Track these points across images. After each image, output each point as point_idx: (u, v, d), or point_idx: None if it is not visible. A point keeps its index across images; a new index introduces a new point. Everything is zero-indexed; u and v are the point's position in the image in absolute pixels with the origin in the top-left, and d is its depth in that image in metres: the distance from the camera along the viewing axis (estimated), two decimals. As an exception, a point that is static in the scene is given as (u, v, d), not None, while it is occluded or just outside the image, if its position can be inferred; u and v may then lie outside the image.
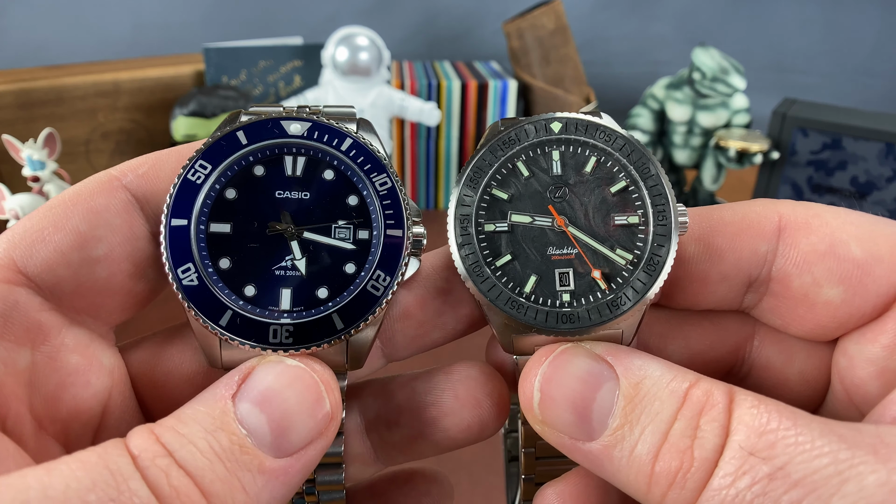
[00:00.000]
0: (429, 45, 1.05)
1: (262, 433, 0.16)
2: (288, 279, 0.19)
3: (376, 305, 0.19)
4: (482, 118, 0.80)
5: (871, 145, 0.68)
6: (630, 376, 0.16)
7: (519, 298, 0.18)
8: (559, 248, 0.19)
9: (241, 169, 0.20)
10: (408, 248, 0.20)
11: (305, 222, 0.20)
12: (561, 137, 0.19)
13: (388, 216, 0.20)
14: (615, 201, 0.19)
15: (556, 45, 0.81)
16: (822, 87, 1.05)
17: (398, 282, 0.19)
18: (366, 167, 0.20)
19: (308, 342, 0.18)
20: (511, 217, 0.19)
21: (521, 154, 0.19)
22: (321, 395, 0.17)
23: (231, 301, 0.19)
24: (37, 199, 0.58)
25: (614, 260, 0.18)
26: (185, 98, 0.65)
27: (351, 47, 0.70)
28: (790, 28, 1.04)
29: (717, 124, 0.74)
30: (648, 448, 0.15)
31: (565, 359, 0.17)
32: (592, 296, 0.18)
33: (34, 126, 0.67)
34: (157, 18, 1.00)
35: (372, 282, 0.19)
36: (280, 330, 0.18)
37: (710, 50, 0.72)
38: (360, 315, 0.19)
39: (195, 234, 0.19)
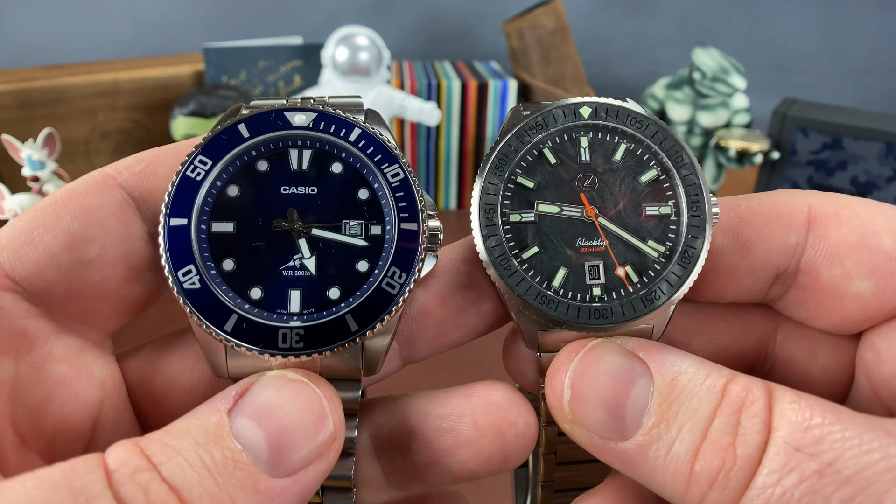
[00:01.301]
0: (429, 45, 1.05)
1: (259, 449, 0.15)
2: (297, 280, 0.18)
3: (392, 304, 0.18)
4: (482, 118, 0.80)
5: (871, 145, 0.68)
6: (664, 373, 0.15)
7: (548, 293, 0.17)
8: (588, 239, 0.18)
9: (244, 164, 0.19)
10: (424, 242, 0.18)
11: (314, 219, 0.18)
12: (590, 123, 0.18)
13: (401, 209, 0.18)
14: (646, 191, 0.18)
15: (556, 44, 0.81)
16: (823, 87, 1.05)
17: (415, 279, 0.18)
18: (376, 158, 0.19)
19: (321, 346, 0.17)
20: (538, 207, 0.18)
21: (548, 140, 0.18)
22: (324, 413, 0.16)
23: (236, 304, 0.17)
24: (36, 200, 0.58)
25: (646, 252, 0.17)
26: (185, 98, 0.65)
27: (351, 47, 0.69)
28: (790, 28, 1.04)
29: (717, 124, 0.74)
30: (687, 447, 0.15)
31: (597, 355, 0.16)
32: (624, 290, 0.17)
33: (34, 126, 0.66)
34: (157, 18, 1.00)
35: (387, 279, 0.18)
36: (290, 334, 0.17)
37: (710, 50, 0.72)
38: (375, 315, 0.17)
39: (196, 234, 0.18)
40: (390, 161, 0.19)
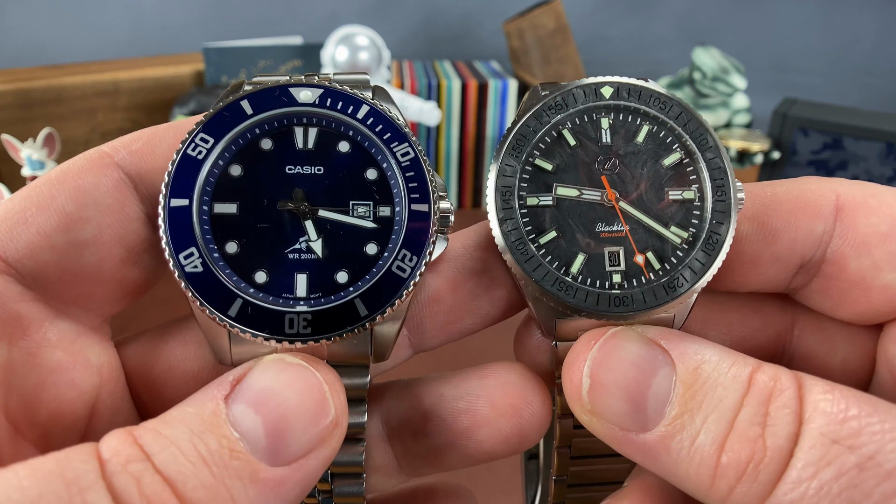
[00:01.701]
0: (429, 45, 1.05)
1: (257, 437, 0.14)
2: (303, 263, 0.17)
3: (403, 289, 0.17)
4: (482, 118, 0.80)
5: (871, 145, 0.68)
6: (687, 361, 0.15)
7: (566, 279, 0.16)
8: (608, 224, 0.17)
9: (247, 143, 0.18)
10: (435, 224, 0.17)
11: (320, 200, 0.18)
12: (611, 104, 0.17)
13: (411, 189, 0.17)
14: (669, 175, 0.17)
15: (556, 44, 0.81)
16: (823, 87, 1.05)
17: (426, 262, 0.17)
18: (385, 136, 0.18)
19: (329, 331, 0.16)
20: (556, 190, 0.17)
21: (568, 121, 0.17)
22: (324, 398, 0.15)
23: (240, 289, 0.17)
24: (36, 199, 0.58)
25: (669, 238, 0.17)
26: (185, 97, 0.65)
27: (351, 47, 0.69)
28: (791, 28, 1.04)
29: (717, 124, 0.74)
30: (713, 438, 0.14)
31: (617, 343, 0.15)
32: (645, 277, 0.16)
33: (33, 126, 0.66)
34: (157, 18, 0.99)
35: (397, 262, 0.17)
36: (297, 319, 0.16)
37: (710, 50, 0.72)
38: (385, 300, 0.17)
39: (198, 215, 0.17)
40: (400, 139, 0.18)
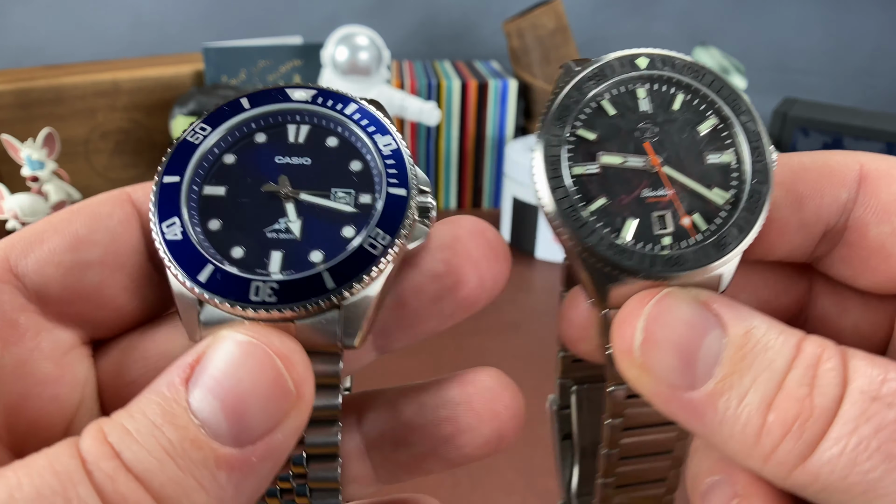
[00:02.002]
0: (429, 45, 1.05)
1: (217, 422, 0.14)
2: (280, 242, 0.17)
3: (373, 264, 0.16)
4: (482, 118, 0.80)
5: (871, 145, 0.68)
6: (738, 325, 0.15)
7: (618, 243, 0.16)
8: (654, 189, 0.17)
9: (243, 135, 0.19)
10: (412, 209, 0.17)
11: (303, 185, 0.18)
12: (645, 74, 0.18)
13: (390, 176, 0.18)
14: (706, 139, 0.18)
15: (556, 44, 0.81)
16: (823, 87, 1.05)
17: (400, 242, 0.17)
18: (370, 130, 0.18)
19: (294, 301, 0.16)
20: (601, 158, 0.18)
21: (606, 92, 0.18)
22: (279, 373, 0.15)
23: (215, 259, 0.17)
24: (36, 199, 0.58)
25: (712, 199, 0.17)
26: (185, 97, 0.65)
27: (350, 47, 0.69)
28: (791, 28, 1.04)
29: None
30: (761, 397, 0.14)
31: (672, 302, 0.16)
32: (693, 238, 0.17)
33: (33, 126, 0.66)
34: (157, 18, 0.99)
35: (370, 240, 0.17)
36: (263, 287, 0.16)
37: (710, 49, 0.72)
38: (354, 274, 0.16)
39: (187, 192, 0.18)
40: (383, 132, 0.18)
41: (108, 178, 0.73)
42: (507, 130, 0.81)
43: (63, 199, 0.61)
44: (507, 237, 0.74)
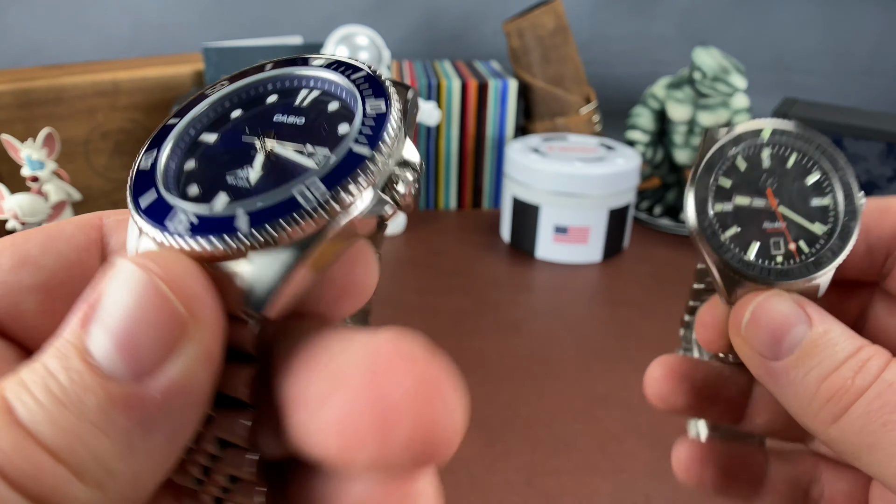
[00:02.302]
0: (428, 45, 1.05)
1: (111, 359, 0.13)
2: (232, 187, 0.16)
3: (293, 212, 0.14)
4: (482, 118, 0.80)
5: (871, 145, 0.68)
6: (819, 325, 0.21)
7: (745, 259, 0.23)
8: (772, 222, 0.24)
9: (255, 94, 0.18)
10: (372, 172, 0.15)
11: (284, 139, 0.17)
12: (767, 140, 0.25)
13: (362, 134, 0.16)
14: (812, 188, 0.24)
15: (556, 44, 0.81)
16: (823, 87, 1.05)
17: (341, 199, 0.14)
18: (366, 93, 0.17)
19: (202, 234, 0.14)
20: (735, 200, 0.24)
21: (739, 153, 0.25)
22: (163, 295, 0.14)
23: (167, 191, 0.16)
24: (36, 199, 0.58)
25: (814, 231, 0.24)
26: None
27: (350, 46, 0.69)
28: (791, 27, 1.04)
29: (717, 124, 0.74)
30: (820, 373, 0.20)
31: (777, 299, 0.22)
32: (798, 258, 0.24)
33: (33, 126, 0.66)
34: (157, 18, 0.99)
35: (304, 189, 0.14)
36: (185, 217, 0.15)
37: (710, 49, 0.72)
38: (268, 218, 0.14)
39: (181, 134, 0.17)
40: (378, 96, 0.17)
41: (108, 177, 0.73)
42: (507, 130, 0.81)
43: (63, 198, 0.61)
44: (507, 237, 0.74)
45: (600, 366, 0.53)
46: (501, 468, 0.42)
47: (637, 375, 0.40)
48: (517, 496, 0.40)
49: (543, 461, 0.43)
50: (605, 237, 0.69)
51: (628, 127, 0.79)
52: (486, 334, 0.56)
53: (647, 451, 0.44)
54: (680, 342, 0.32)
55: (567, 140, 0.76)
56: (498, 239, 0.75)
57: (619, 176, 0.67)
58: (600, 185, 0.67)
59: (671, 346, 0.56)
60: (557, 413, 0.47)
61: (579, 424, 0.46)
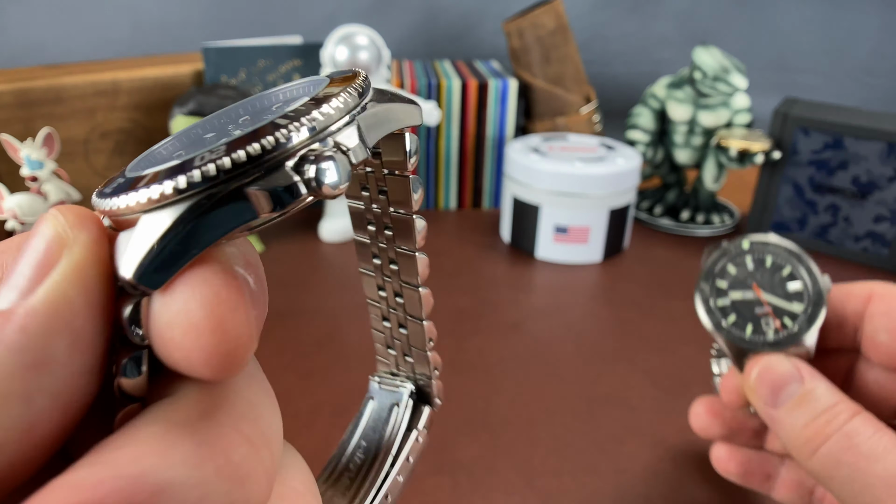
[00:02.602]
0: (428, 44, 1.05)
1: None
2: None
3: (187, 169, 0.12)
4: (482, 117, 0.80)
5: (872, 145, 0.68)
6: (811, 383, 0.28)
7: (744, 336, 0.32)
8: (760, 307, 0.32)
9: (227, 119, 0.17)
10: (282, 135, 0.12)
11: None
12: (748, 250, 0.33)
13: (295, 110, 0.13)
14: (786, 277, 0.32)
15: (556, 44, 0.81)
16: (824, 87, 1.05)
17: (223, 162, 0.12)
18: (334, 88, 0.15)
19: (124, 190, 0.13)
20: (729, 295, 0.33)
21: (730, 261, 0.34)
22: (56, 217, 0.13)
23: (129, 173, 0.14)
24: (35, 199, 0.57)
25: (793, 310, 0.31)
26: (184, 97, 0.64)
27: (350, 46, 0.69)
28: (792, 27, 1.04)
29: (718, 124, 0.74)
30: (803, 420, 0.28)
31: (777, 362, 0.30)
32: (786, 331, 0.31)
33: (32, 125, 0.66)
34: (156, 18, 0.99)
35: (206, 153, 0.12)
36: (119, 180, 0.14)
37: (711, 49, 0.72)
38: (168, 175, 0.12)
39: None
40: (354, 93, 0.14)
41: (107, 177, 0.73)
42: (507, 130, 0.81)
43: (63, 198, 0.61)
44: (508, 237, 0.74)
45: (600, 366, 0.52)
46: (501, 468, 0.42)
47: (637, 375, 0.42)
48: (517, 496, 0.40)
49: (543, 461, 0.43)
50: (605, 237, 0.69)
51: (629, 127, 0.79)
52: (486, 334, 0.56)
53: (648, 452, 0.44)
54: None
55: (567, 140, 0.76)
56: (498, 239, 0.75)
57: (619, 176, 0.67)
58: (601, 184, 0.66)
59: (671, 346, 0.56)
60: (557, 413, 0.47)
61: (579, 424, 0.46)
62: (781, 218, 0.75)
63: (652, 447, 0.44)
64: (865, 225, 0.70)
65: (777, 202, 0.75)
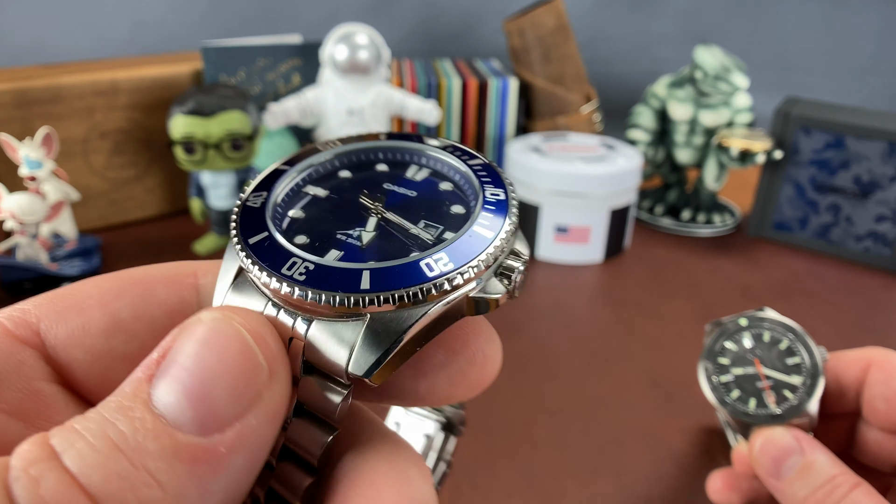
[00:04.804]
0: (429, 44, 1.05)
1: (180, 408, 0.12)
2: (344, 244, 0.16)
3: (422, 282, 0.14)
4: (483, 117, 0.80)
5: (874, 144, 0.68)
6: (809, 456, 0.29)
7: (748, 410, 0.33)
8: (761, 381, 0.33)
9: (367, 160, 0.19)
10: (493, 254, 0.15)
11: (395, 208, 0.17)
12: (745, 325, 0.35)
13: (483, 218, 0.16)
14: (784, 352, 0.34)
15: (556, 43, 0.81)
16: (825, 86, 1.05)
17: (463, 278, 0.15)
18: (484, 179, 0.17)
19: (319, 287, 0.14)
20: (732, 371, 0.34)
21: (728, 339, 0.35)
22: (248, 347, 0.13)
23: (272, 230, 0.16)
24: (34, 199, 0.57)
25: (793, 382, 0.33)
26: (184, 97, 0.64)
27: (350, 45, 0.69)
28: (793, 26, 1.04)
29: (719, 123, 0.73)
30: (804, 492, 0.29)
31: (778, 435, 0.31)
32: (787, 403, 0.33)
33: (31, 125, 0.66)
34: (155, 17, 0.99)
35: (428, 259, 0.15)
36: (300, 264, 0.15)
37: (712, 48, 0.72)
38: (395, 286, 0.14)
39: (290, 181, 0.18)
40: (497, 185, 0.17)
41: (106, 177, 0.73)
42: (507, 129, 0.81)
43: (61, 198, 0.61)
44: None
45: (600, 366, 0.52)
46: (501, 468, 0.42)
47: (637, 375, 0.41)
48: (517, 496, 0.40)
49: (543, 461, 0.42)
50: (606, 237, 0.69)
51: (629, 126, 0.79)
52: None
53: (648, 452, 0.43)
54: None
55: (568, 139, 0.76)
56: (498, 238, 0.75)
57: (620, 175, 0.67)
58: (601, 184, 0.66)
59: (671, 346, 0.56)
60: (557, 413, 0.47)
61: (579, 424, 0.46)
62: (782, 218, 0.75)
63: (652, 448, 0.44)
64: (867, 225, 0.70)
65: (778, 202, 0.75)
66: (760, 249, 0.74)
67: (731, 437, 0.42)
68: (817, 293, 0.64)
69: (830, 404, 0.33)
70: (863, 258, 0.71)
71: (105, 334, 0.16)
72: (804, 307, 0.62)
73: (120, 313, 0.16)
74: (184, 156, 0.63)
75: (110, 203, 0.73)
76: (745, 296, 0.64)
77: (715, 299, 0.63)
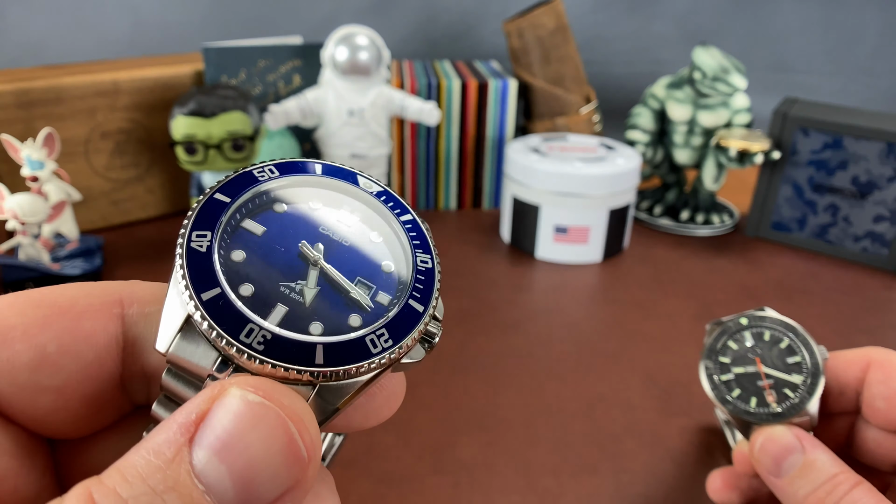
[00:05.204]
0: (428, 45, 1.05)
1: (223, 489, 0.13)
2: (288, 300, 0.17)
3: (366, 359, 0.16)
4: (482, 117, 0.80)
5: (872, 145, 0.68)
6: (810, 454, 0.29)
7: (749, 409, 0.33)
8: (762, 380, 0.34)
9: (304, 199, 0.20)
10: (423, 327, 0.18)
11: (334, 263, 0.18)
12: (745, 324, 0.35)
13: (415, 289, 0.18)
14: (785, 351, 0.34)
15: (556, 44, 0.81)
16: (824, 87, 1.05)
17: (399, 351, 0.17)
18: (414, 242, 0.19)
19: (277, 358, 0.15)
20: (733, 370, 0.34)
21: (730, 338, 0.35)
22: (292, 438, 0.14)
23: (224, 285, 0.16)
24: (36, 199, 0.58)
25: (794, 382, 0.33)
26: (185, 97, 0.64)
27: (350, 46, 0.69)
28: (791, 27, 1.04)
29: (717, 124, 0.74)
30: (806, 491, 0.29)
31: (778, 433, 0.31)
32: (788, 401, 0.33)
33: (33, 125, 0.66)
34: (156, 18, 0.99)
35: (373, 336, 0.17)
36: (257, 332, 0.16)
37: (710, 49, 0.72)
38: (346, 360, 0.16)
39: (230, 216, 0.18)
40: (425, 250, 0.19)
41: (108, 178, 0.73)
42: (507, 130, 0.81)
43: (63, 198, 0.61)
44: (508, 237, 0.74)
45: (600, 366, 0.52)
46: (501, 468, 0.42)
47: (637, 375, 0.42)
48: (517, 496, 0.40)
49: (543, 461, 0.43)
50: (605, 237, 0.69)
51: (628, 127, 0.79)
52: (485, 334, 0.56)
53: (647, 452, 0.44)
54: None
55: (567, 140, 0.76)
56: (498, 239, 0.75)
57: (619, 176, 0.67)
58: (600, 185, 0.67)
59: (671, 346, 0.56)
60: (557, 413, 0.47)
61: (579, 424, 0.46)
62: (781, 218, 0.75)
63: (652, 447, 0.44)
64: (865, 225, 0.70)
65: (777, 202, 0.75)
66: (759, 249, 0.74)
67: (729, 436, 0.42)
68: (815, 293, 0.65)
69: (830, 404, 0.33)
70: (861, 258, 0.71)
71: (30, 368, 0.16)
72: (802, 307, 0.62)
73: (46, 347, 0.16)
74: (185, 156, 0.64)
75: (112, 203, 0.74)
76: (744, 295, 0.64)
77: (714, 299, 0.63)
